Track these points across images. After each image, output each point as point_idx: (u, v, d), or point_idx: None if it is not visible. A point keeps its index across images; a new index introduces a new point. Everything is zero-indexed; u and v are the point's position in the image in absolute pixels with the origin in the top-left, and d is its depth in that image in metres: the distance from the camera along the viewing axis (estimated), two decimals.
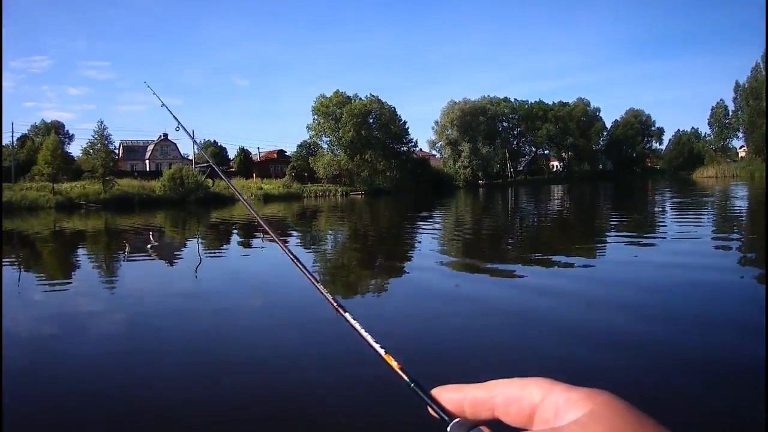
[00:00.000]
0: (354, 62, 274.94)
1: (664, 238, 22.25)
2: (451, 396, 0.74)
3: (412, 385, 0.77)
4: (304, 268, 1.29)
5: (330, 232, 32.91)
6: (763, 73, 78.97)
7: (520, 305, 11.07)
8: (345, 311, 1.02)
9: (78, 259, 22.25)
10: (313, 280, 1.23)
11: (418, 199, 68.56)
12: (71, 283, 16.06)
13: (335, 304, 1.08)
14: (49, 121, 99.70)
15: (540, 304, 11.06)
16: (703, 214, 32.41)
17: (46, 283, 15.94)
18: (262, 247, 24.69)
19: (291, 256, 1.41)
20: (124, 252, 24.13)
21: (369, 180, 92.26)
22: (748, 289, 12.05)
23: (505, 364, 7.85)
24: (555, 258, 17.74)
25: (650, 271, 14.29)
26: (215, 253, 23.94)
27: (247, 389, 6.85)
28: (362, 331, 0.88)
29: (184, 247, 26.27)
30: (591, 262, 16.64)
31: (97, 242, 28.24)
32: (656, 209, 39.81)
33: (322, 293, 1.16)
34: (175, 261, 21.09)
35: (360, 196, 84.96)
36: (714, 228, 25.56)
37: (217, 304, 12.18)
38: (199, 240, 28.91)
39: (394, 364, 0.78)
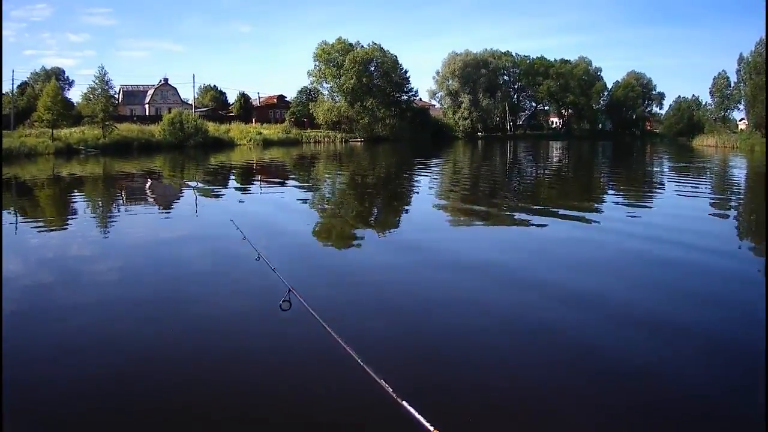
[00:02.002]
0: (357, 11, 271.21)
1: (662, 199, 22.38)
2: None
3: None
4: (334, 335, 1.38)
5: (328, 178, 33.02)
6: None
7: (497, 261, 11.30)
8: (402, 399, 1.08)
9: (74, 204, 22.12)
10: (347, 350, 1.26)
11: (417, 148, 68.78)
12: (67, 228, 16.03)
13: (395, 395, 1.13)
14: (49, 68, 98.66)
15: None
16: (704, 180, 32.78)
17: (42, 229, 15.85)
18: (261, 192, 24.92)
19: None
20: (122, 197, 24.25)
21: (368, 127, 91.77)
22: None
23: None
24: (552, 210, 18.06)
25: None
26: (213, 196, 24.12)
27: (237, 337, 7.17)
28: (417, 415, 0.98)
29: (182, 192, 26.31)
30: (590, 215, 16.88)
31: (95, 187, 28.21)
32: (656, 170, 40.14)
33: (351, 355, 1.22)
34: (172, 206, 21.24)
35: (359, 143, 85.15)
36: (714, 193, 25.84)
37: (213, 247, 12.53)
38: (198, 184, 29.03)
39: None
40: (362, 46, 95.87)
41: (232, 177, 33.45)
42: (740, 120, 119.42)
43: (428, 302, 8.85)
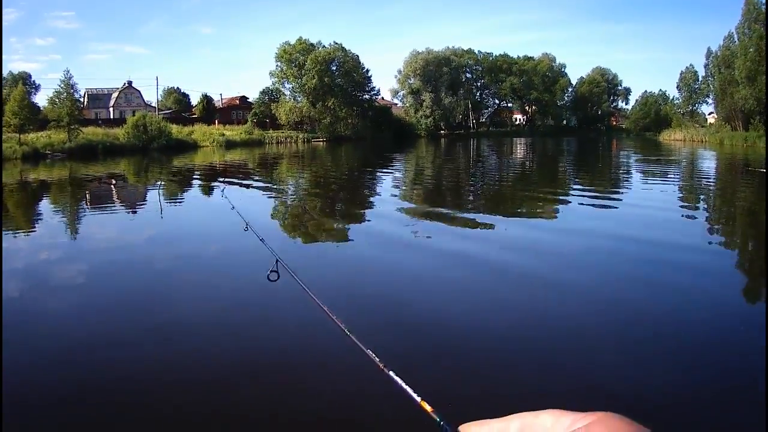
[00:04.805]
0: (318, 11, 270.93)
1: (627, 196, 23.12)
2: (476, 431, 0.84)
3: (442, 423, 0.95)
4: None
5: (291, 178, 33.83)
6: (737, 43, 79.79)
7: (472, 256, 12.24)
8: (389, 370, 1.47)
9: (41, 208, 22.72)
10: (365, 351, 1.73)
11: (379, 147, 69.81)
12: (33, 233, 16.54)
13: (382, 365, 1.59)
14: (16, 72, 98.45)
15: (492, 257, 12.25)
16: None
17: (8, 233, 15.78)
18: (223, 195, 25.92)
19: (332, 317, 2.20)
20: (87, 200, 24.99)
21: (330, 127, 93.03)
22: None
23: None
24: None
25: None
26: (177, 199, 25.09)
27: (200, 345, 7.35)
28: (403, 384, 1.32)
29: (146, 194, 27.17)
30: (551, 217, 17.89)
31: (62, 191, 28.89)
32: (625, 164, 41.29)
33: (365, 351, 1.68)
34: (137, 208, 22.06)
35: (322, 143, 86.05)
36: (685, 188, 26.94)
37: (177, 251, 13.14)
38: (161, 186, 29.81)
39: (428, 408, 1.19)
40: (324, 46, 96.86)
41: (195, 179, 34.13)
42: (709, 114, 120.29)
43: (414, 278, 9.82)
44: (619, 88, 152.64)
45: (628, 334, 7.53)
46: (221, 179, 32.24)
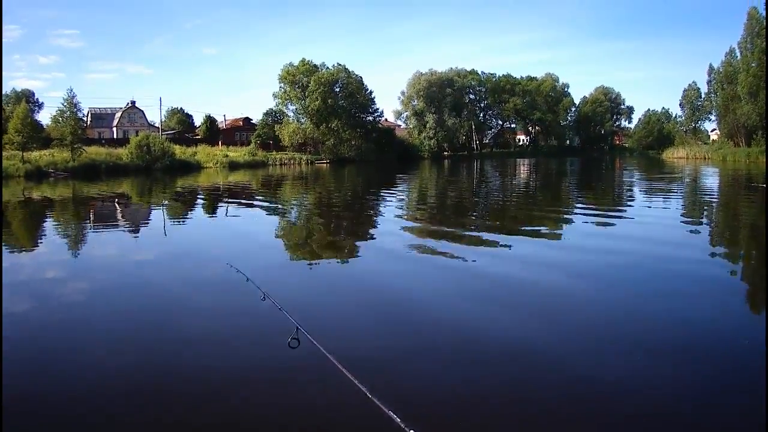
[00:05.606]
0: (321, 32, 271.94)
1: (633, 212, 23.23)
2: None
3: None
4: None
5: (294, 200, 33.62)
6: (738, 57, 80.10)
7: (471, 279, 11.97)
8: (410, 429, 1.41)
9: (44, 227, 22.54)
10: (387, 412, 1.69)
11: (382, 169, 69.53)
12: (36, 251, 16.47)
13: (403, 425, 1.52)
14: (19, 90, 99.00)
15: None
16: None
17: (11, 251, 15.72)
18: (227, 216, 25.69)
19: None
20: (90, 220, 24.77)
21: (334, 149, 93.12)
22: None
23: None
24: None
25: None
26: (180, 220, 24.80)
27: (205, 365, 7.29)
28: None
29: (150, 215, 26.91)
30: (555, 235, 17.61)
31: (65, 210, 28.63)
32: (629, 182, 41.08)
33: (384, 411, 1.63)
34: (140, 228, 21.73)
35: (325, 164, 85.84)
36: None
37: (179, 274, 12.99)
38: (165, 207, 29.61)
39: None
40: (327, 67, 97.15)
41: (199, 200, 33.86)
42: (712, 131, 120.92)
43: (434, 327, 9.01)
44: (622, 106, 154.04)
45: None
46: (228, 201, 32.07)
